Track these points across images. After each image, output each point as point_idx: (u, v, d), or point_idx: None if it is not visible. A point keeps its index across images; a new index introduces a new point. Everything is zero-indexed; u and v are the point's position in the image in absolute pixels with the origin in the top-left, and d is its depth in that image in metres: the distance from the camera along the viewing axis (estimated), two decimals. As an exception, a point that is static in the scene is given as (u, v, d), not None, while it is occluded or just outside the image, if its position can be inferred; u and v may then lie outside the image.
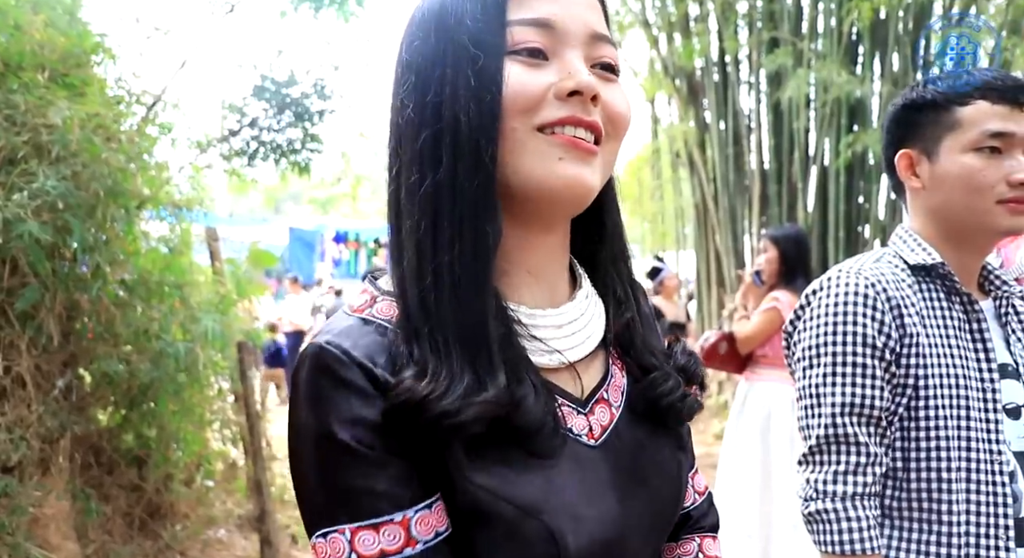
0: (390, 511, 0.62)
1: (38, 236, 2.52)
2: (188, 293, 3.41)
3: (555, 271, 0.73)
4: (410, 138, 0.67)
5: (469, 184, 0.64)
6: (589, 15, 0.68)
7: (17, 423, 2.74)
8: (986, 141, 1.17)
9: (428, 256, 0.65)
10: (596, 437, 0.70)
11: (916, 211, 1.28)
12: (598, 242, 0.78)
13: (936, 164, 1.22)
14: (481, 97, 0.63)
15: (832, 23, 7.98)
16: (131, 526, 3.29)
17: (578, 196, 0.66)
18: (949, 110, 1.20)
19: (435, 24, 0.67)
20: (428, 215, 0.65)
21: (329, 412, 0.62)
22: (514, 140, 0.64)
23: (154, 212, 3.45)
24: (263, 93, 4.65)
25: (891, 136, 1.29)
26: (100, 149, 2.83)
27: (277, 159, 4.76)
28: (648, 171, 13.01)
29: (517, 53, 0.65)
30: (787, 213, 8.50)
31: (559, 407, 0.69)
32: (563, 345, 0.70)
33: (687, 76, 9.50)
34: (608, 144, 0.68)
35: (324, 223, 14.24)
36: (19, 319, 2.75)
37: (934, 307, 1.21)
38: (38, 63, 2.87)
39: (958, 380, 1.17)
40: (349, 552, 0.61)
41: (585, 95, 0.64)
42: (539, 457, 0.65)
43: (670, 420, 0.76)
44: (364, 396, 0.62)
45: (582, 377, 0.72)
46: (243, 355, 3.79)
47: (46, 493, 2.80)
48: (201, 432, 3.73)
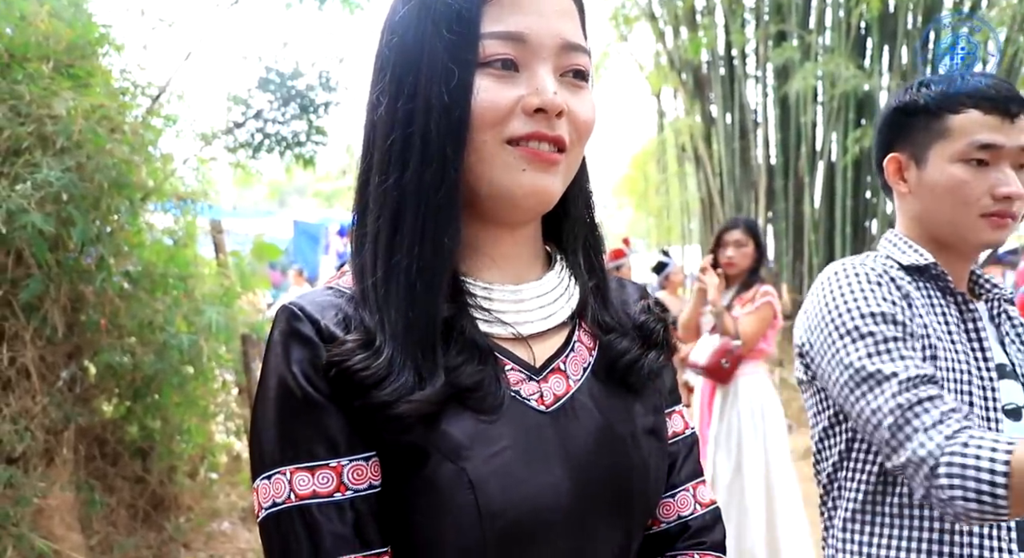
0: (325, 457, 0.66)
1: (41, 227, 2.52)
2: (192, 285, 3.41)
3: (522, 259, 0.77)
4: (382, 136, 0.71)
5: (433, 192, 0.68)
6: (563, 24, 0.70)
7: (22, 414, 2.75)
8: (974, 153, 1.16)
9: (384, 253, 0.69)
10: (548, 404, 0.71)
11: (904, 214, 1.28)
12: (564, 217, 0.80)
13: (924, 171, 1.21)
14: (451, 111, 0.67)
15: (840, 16, 7.93)
16: (135, 518, 3.30)
17: (540, 203, 0.71)
18: (940, 117, 1.19)
19: (412, 28, 0.69)
20: (389, 215, 0.69)
21: (281, 359, 0.67)
22: (484, 151, 0.68)
23: (158, 204, 3.45)
24: (268, 85, 4.64)
25: (882, 138, 1.29)
26: (104, 140, 2.83)
27: (282, 151, 4.75)
28: (654, 165, 12.97)
29: (490, 65, 0.68)
30: (794, 208, 8.47)
31: (506, 372, 0.71)
32: (520, 318, 0.73)
33: (693, 70, 9.47)
34: (573, 149, 0.72)
35: (329, 216, 14.22)
36: (24, 310, 2.75)
37: (932, 304, 1.20)
38: (43, 54, 2.86)
39: (961, 377, 1.15)
40: (288, 492, 0.65)
41: (550, 112, 0.68)
42: (475, 412, 0.67)
43: (632, 381, 0.76)
44: (310, 345, 0.67)
45: (535, 348, 0.74)
46: (247, 347, 3.79)
47: (50, 484, 2.81)
48: (205, 424, 3.74)
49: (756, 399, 3.33)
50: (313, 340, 0.67)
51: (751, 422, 3.30)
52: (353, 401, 0.65)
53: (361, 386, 0.64)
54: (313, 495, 0.65)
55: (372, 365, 0.65)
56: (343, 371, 0.65)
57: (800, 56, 7.69)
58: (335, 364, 0.65)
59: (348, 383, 0.65)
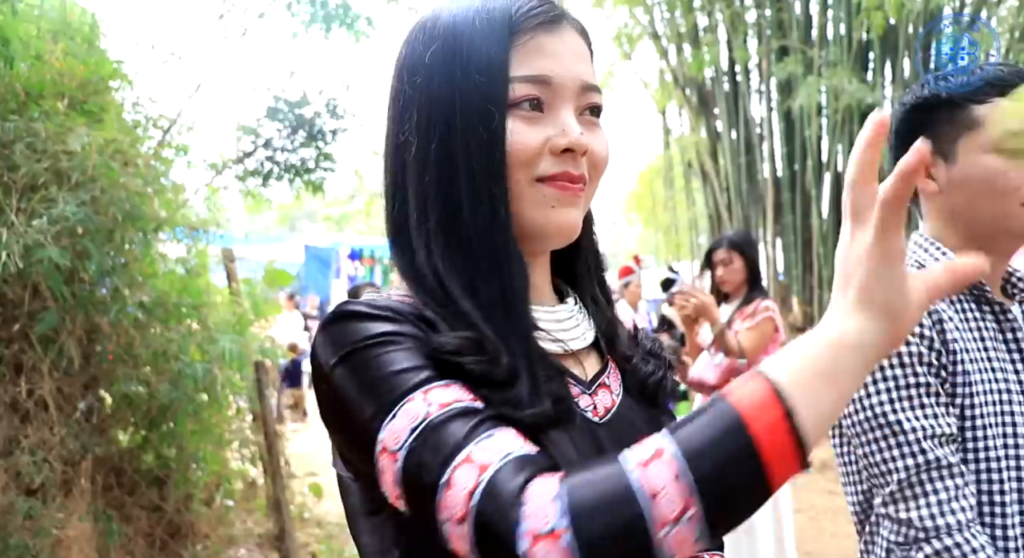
0: (445, 377, 0.63)
1: (57, 261, 2.56)
2: (205, 314, 3.45)
3: (542, 284, 0.82)
4: (416, 175, 0.73)
5: (489, 230, 0.71)
6: (581, 66, 0.75)
7: (40, 445, 2.78)
8: None
9: (460, 289, 0.71)
10: (601, 415, 0.77)
11: (933, 216, 1.22)
12: (576, 257, 0.86)
13: (953, 166, 1.15)
14: (492, 152, 0.70)
15: (842, 30, 7.96)
16: (152, 546, 3.31)
17: (567, 235, 0.76)
18: (965, 108, 1.13)
19: (442, 72, 0.72)
20: (447, 251, 0.72)
21: (357, 330, 0.65)
22: (517, 190, 0.72)
23: (171, 234, 3.50)
24: (276, 114, 4.71)
25: (900, 138, 1.22)
26: (118, 174, 2.89)
27: (291, 179, 4.81)
28: (661, 182, 13.00)
29: (519, 106, 0.71)
30: (801, 221, 8.46)
31: (568, 384, 0.76)
32: (565, 337, 0.78)
33: (697, 86, 9.51)
34: (591, 184, 0.77)
35: (339, 240, 14.31)
36: (40, 343, 2.79)
37: (967, 319, 1.15)
38: (58, 91, 2.93)
39: (1002, 396, 1.10)
40: (426, 406, 0.60)
41: (577, 152, 0.72)
42: (559, 423, 0.69)
43: (659, 398, 0.84)
44: (394, 321, 0.66)
45: (584, 364, 0.80)
46: (260, 374, 3.81)
47: (69, 515, 2.83)
48: (220, 452, 3.75)
49: None
50: (396, 317, 0.66)
51: None
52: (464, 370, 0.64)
53: (480, 377, 0.64)
54: (456, 401, 0.61)
55: (491, 371, 0.65)
56: (457, 362, 0.64)
57: (803, 70, 7.72)
58: (447, 351, 0.65)
59: (458, 360, 0.65)
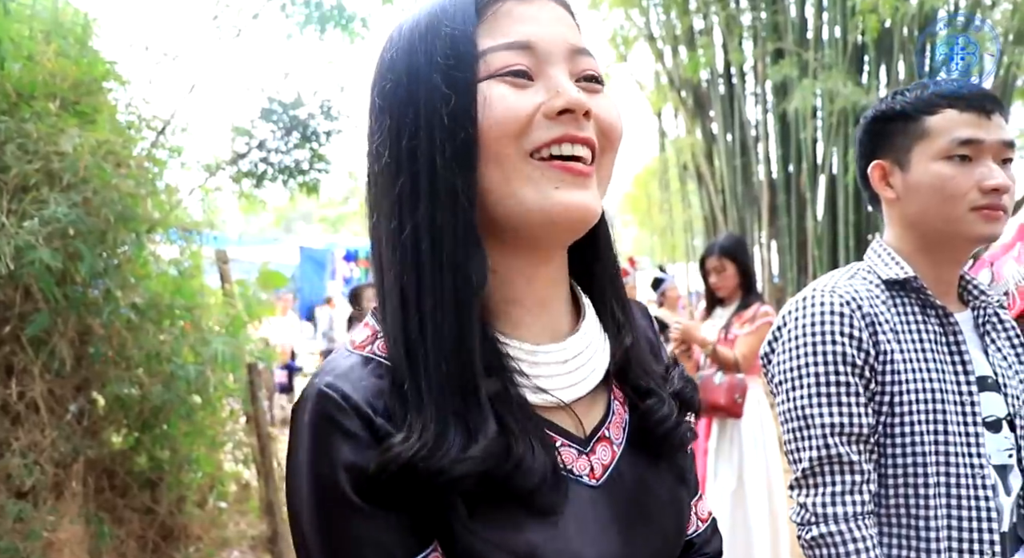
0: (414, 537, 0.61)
1: (49, 263, 2.55)
2: (199, 316, 3.43)
3: (557, 301, 0.72)
4: (387, 185, 0.66)
5: (449, 228, 0.62)
6: (565, 30, 0.67)
7: (31, 448, 2.76)
8: (956, 149, 1.18)
9: (412, 306, 0.63)
10: (598, 477, 0.69)
11: (893, 222, 1.29)
12: (594, 261, 0.76)
13: (908, 174, 1.23)
14: (455, 135, 0.61)
15: (837, 33, 7.98)
16: (145, 549, 3.30)
17: (578, 221, 0.64)
18: (918, 120, 1.22)
19: (405, 66, 0.65)
20: (409, 263, 0.64)
21: (328, 460, 0.60)
22: (507, 166, 0.62)
23: (164, 235, 3.48)
24: (270, 115, 4.69)
25: (863, 148, 1.31)
26: (110, 175, 2.87)
27: (285, 180, 4.79)
28: (656, 184, 13.01)
29: (502, 76, 0.63)
30: (797, 223, 8.48)
31: (559, 449, 0.67)
32: (565, 382, 0.68)
33: (693, 88, 9.53)
34: (604, 157, 0.67)
35: (334, 241, 14.30)
36: (32, 344, 2.78)
37: (908, 321, 1.21)
38: (50, 92, 2.91)
39: (934, 395, 1.16)
40: None
41: (577, 112, 0.63)
42: (541, 513, 0.63)
43: (664, 449, 0.74)
44: (362, 446, 0.60)
45: (583, 417, 0.70)
46: (253, 376, 3.80)
47: (60, 517, 2.81)
48: (213, 454, 3.74)
49: (755, 412, 3.35)
50: (364, 440, 0.61)
51: (751, 435, 3.32)
52: (410, 477, 0.59)
53: (415, 464, 0.59)
54: None
55: (422, 442, 0.59)
56: (396, 462, 0.59)
57: (798, 73, 7.73)
58: (386, 469, 0.59)
59: (403, 470, 0.59)
